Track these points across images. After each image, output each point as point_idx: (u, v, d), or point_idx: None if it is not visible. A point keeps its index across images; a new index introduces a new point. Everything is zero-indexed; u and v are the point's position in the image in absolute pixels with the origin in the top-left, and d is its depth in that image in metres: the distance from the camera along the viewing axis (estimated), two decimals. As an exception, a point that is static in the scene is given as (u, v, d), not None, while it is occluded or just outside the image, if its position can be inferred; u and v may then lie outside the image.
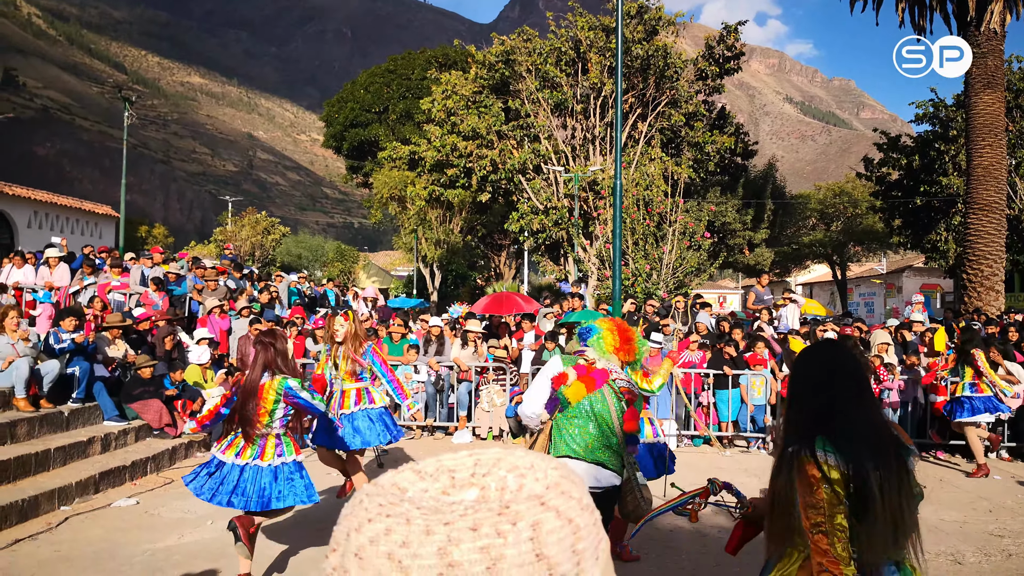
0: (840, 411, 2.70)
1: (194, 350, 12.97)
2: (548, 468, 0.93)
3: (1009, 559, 7.01)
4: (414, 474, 0.94)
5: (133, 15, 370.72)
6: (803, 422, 2.72)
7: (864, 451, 2.60)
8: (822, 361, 2.86)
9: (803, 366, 2.93)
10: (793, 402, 2.86)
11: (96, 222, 35.02)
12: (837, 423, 2.66)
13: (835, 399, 2.72)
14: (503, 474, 0.92)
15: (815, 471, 2.56)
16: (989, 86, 18.88)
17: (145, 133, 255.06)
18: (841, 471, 2.55)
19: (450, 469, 0.94)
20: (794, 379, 2.91)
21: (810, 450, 2.59)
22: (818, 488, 2.54)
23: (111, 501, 8.55)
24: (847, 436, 2.62)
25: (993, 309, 17.99)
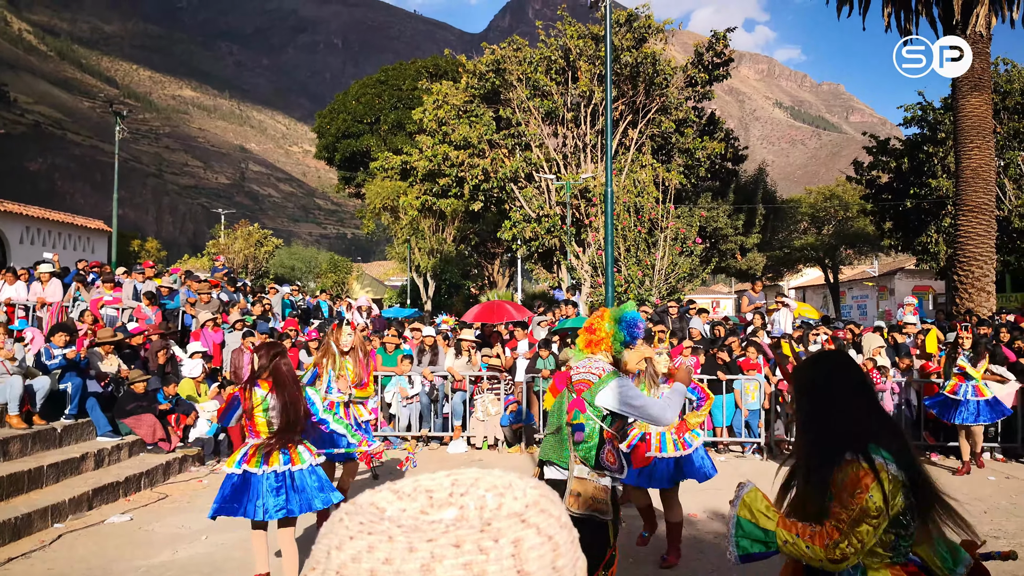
0: (885, 421, 2.81)
1: (187, 364, 12.95)
2: (527, 487, 0.94)
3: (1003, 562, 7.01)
4: (392, 494, 0.94)
5: (124, 29, 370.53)
6: (843, 430, 2.78)
7: (915, 461, 2.73)
8: (843, 370, 2.95)
9: (824, 375, 2.98)
10: (821, 412, 2.89)
11: (88, 237, 34.96)
12: (885, 432, 2.76)
13: (870, 407, 2.83)
14: (482, 493, 0.92)
15: (868, 479, 2.63)
16: (976, 88, 18.97)
17: (137, 147, 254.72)
18: (900, 479, 2.65)
19: (428, 489, 0.94)
20: (817, 388, 2.95)
21: (867, 457, 2.67)
22: (862, 493, 2.61)
23: (105, 517, 8.51)
24: (899, 446, 2.74)
25: (984, 310, 18.04)
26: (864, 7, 21.85)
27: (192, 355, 13.01)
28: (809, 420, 2.95)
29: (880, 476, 2.63)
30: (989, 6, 18.53)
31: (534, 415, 13.32)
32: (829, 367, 3.01)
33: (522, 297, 42.28)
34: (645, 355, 4.65)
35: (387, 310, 30.21)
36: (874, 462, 2.65)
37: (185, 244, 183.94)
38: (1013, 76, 28.89)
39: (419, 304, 44.51)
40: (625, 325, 4.57)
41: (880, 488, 2.62)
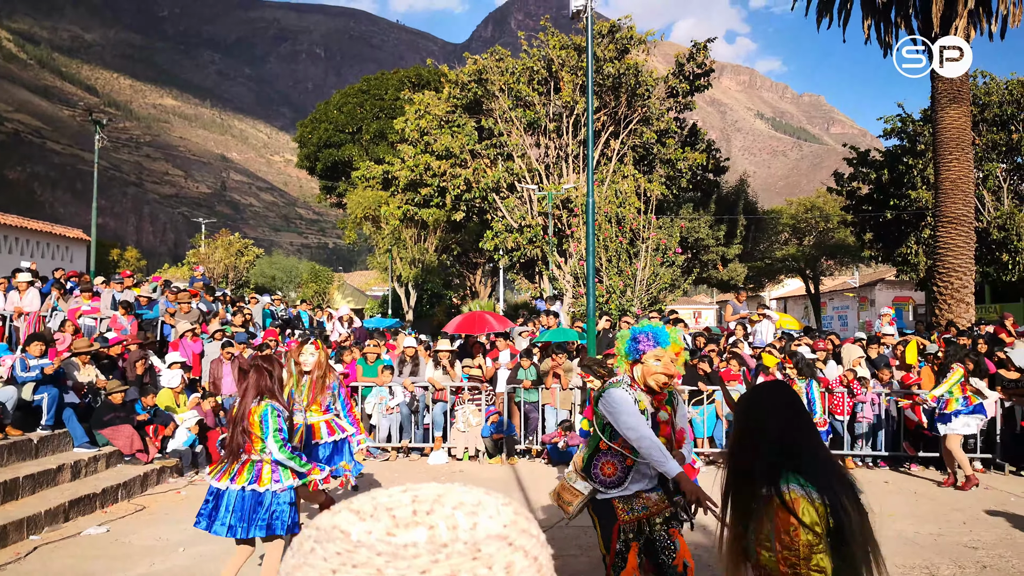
0: (804, 447, 2.80)
1: (166, 374, 12.84)
2: (498, 504, 0.91)
3: (984, 571, 7.04)
4: (353, 514, 0.89)
5: (105, 38, 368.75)
6: (766, 461, 2.78)
7: (835, 482, 2.71)
8: (773, 400, 2.96)
9: (755, 406, 3.00)
10: (748, 442, 2.90)
11: (67, 246, 34.71)
12: (804, 458, 2.75)
13: (795, 436, 2.82)
14: (450, 511, 0.89)
15: (791, 518, 2.62)
16: (955, 100, 19.12)
17: (117, 156, 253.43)
18: (819, 505, 2.64)
19: (387, 507, 0.90)
20: (747, 419, 2.97)
21: (783, 490, 2.67)
22: (796, 531, 2.60)
23: (81, 529, 8.41)
24: (817, 470, 2.72)
25: (964, 321, 18.14)
26: (844, 19, 22.01)
27: (171, 365, 12.90)
28: (731, 453, 3.00)
29: (797, 507, 2.63)
30: (967, 19, 18.69)
31: (515, 426, 13.27)
32: (754, 400, 3.05)
33: (504, 307, 42.26)
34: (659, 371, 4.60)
35: (368, 320, 30.10)
36: (783, 496, 2.65)
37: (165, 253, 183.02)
38: (992, 88, 29.17)
39: (400, 314, 44.41)
40: (630, 340, 4.60)
41: (806, 517, 2.62)
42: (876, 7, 20.53)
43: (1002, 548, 7.73)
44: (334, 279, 68.54)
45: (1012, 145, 28.71)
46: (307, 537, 0.88)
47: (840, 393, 12.67)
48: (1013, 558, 7.39)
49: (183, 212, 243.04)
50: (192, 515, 9.08)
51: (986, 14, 19.62)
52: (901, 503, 9.89)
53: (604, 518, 4.52)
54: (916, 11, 20.25)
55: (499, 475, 11.82)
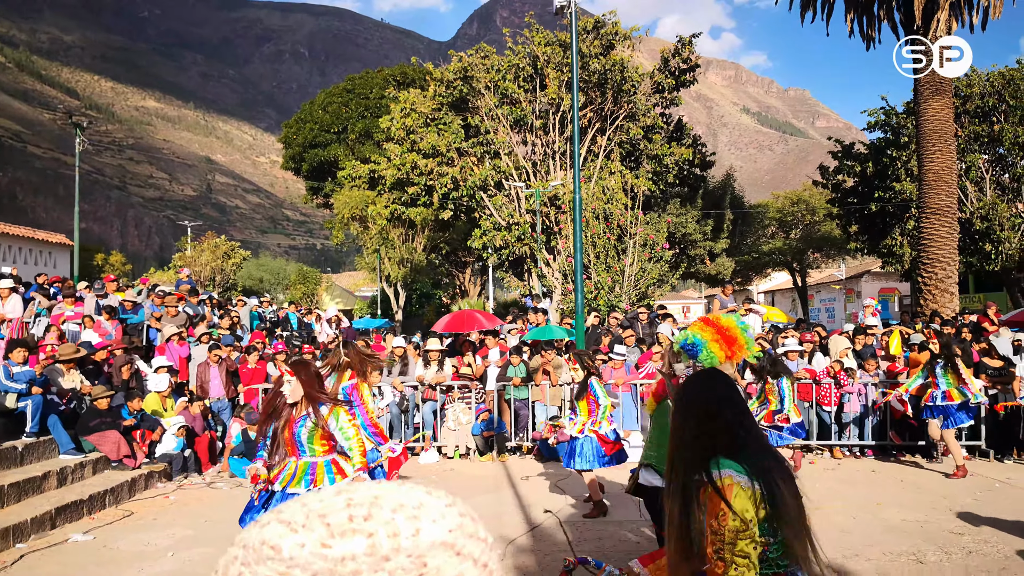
0: (737, 432, 2.87)
1: (152, 379, 12.76)
2: (442, 506, 0.84)
3: (969, 556, 7.10)
4: (283, 526, 0.81)
5: (85, 40, 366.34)
6: (701, 448, 2.86)
7: (770, 467, 2.78)
8: (709, 389, 3.03)
9: (691, 395, 3.07)
10: (685, 429, 2.97)
11: (50, 251, 34.48)
12: (739, 444, 2.83)
13: (729, 422, 2.89)
14: (389, 516, 0.80)
15: (721, 503, 2.69)
16: (937, 93, 19.23)
17: (100, 159, 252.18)
18: (752, 490, 2.70)
19: (320, 514, 0.81)
20: (684, 407, 3.04)
21: (715, 476, 2.74)
22: (724, 516, 2.67)
23: (68, 536, 8.33)
24: (752, 455, 2.80)
25: (948, 311, 18.25)
26: (827, 13, 22.11)
27: (157, 369, 12.83)
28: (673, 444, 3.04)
29: (730, 493, 2.69)
30: (949, 11, 18.80)
31: (505, 423, 13.28)
32: (689, 390, 3.12)
33: (494, 305, 42.26)
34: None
35: (357, 321, 30.08)
36: (715, 481, 2.72)
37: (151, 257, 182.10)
38: (973, 80, 29.30)
39: (390, 315, 44.35)
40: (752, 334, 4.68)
41: (737, 503, 2.68)
42: (858, 1, 20.64)
43: (987, 534, 7.79)
44: (322, 280, 68.42)
45: (994, 136, 28.87)
46: (233, 559, 0.80)
47: (827, 384, 12.76)
48: (999, 543, 7.45)
49: (168, 215, 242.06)
50: (180, 519, 9.11)
51: (967, 6, 19.74)
52: (888, 491, 9.96)
53: None
54: (898, 4, 20.36)
55: (490, 472, 11.84)
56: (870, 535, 7.82)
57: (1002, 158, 29.85)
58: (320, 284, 65.99)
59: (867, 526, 8.15)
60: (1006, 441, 12.27)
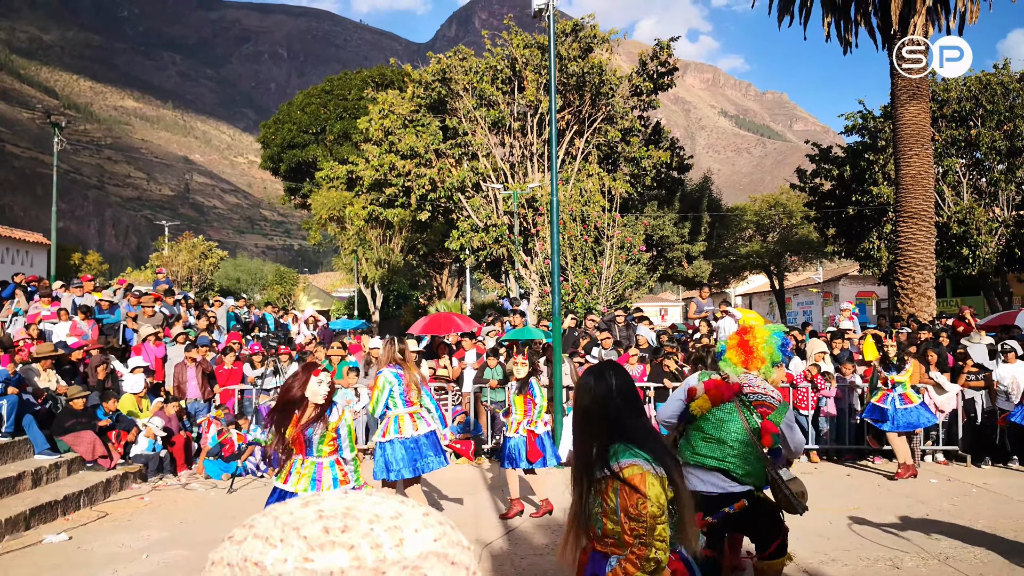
0: (637, 424, 3.04)
1: (128, 379, 12.66)
2: (419, 515, 0.83)
3: (946, 562, 7.10)
4: (262, 542, 0.79)
5: (63, 39, 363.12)
6: (601, 439, 3.00)
7: (666, 457, 2.98)
8: (601, 382, 3.14)
9: (587, 388, 3.17)
10: (585, 421, 3.11)
11: (27, 250, 34.15)
12: (639, 434, 3.00)
13: (621, 412, 3.04)
14: (367, 528, 0.79)
15: (636, 494, 2.84)
16: (914, 97, 19.34)
17: (78, 158, 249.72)
18: (660, 476, 2.88)
19: (294, 527, 0.80)
20: (582, 401, 3.17)
21: (623, 464, 2.90)
22: (643, 504, 2.82)
23: (42, 537, 8.23)
24: (652, 445, 2.98)
25: (925, 315, 18.36)
26: (805, 17, 22.20)
27: (133, 370, 12.72)
28: (576, 435, 3.16)
29: (644, 482, 2.84)
30: (926, 16, 18.92)
31: (482, 425, 13.23)
32: (586, 383, 3.20)
33: (471, 307, 42.21)
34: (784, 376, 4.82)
35: (334, 322, 29.89)
36: (624, 471, 2.87)
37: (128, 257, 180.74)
38: (950, 85, 29.50)
39: (367, 315, 44.19)
40: (781, 345, 4.79)
41: (652, 491, 2.84)
42: (836, 5, 20.75)
43: (964, 539, 7.81)
44: (299, 281, 68.13)
45: (971, 141, 29.09)
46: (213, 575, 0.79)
47: (804, 388, 12.77)
48: (975, 548, 7.47)
49: (146, 215, 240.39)
50: (155, 521, 9.00)
51: (944, 11, 19.86)
52: (864, 496, 9.98)
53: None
54: (875, 8, 20.48)
55: (467, 475, 11.78)
56: (847, 540, 7.81)
57: (979, 162, 30.08)
58: (297, 285, 65.74)
59: (844, 531, 8.15)
60: (983, 446, 12.33)
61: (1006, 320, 16.07)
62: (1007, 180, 29.01)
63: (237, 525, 0.86)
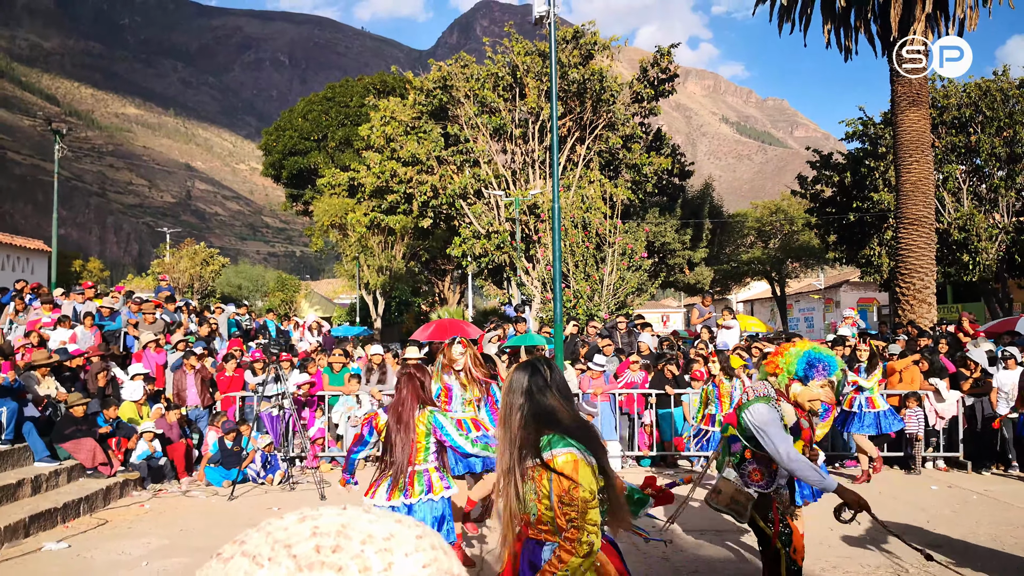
0: (566, 415, 3.15)
1: (128, 386, 12.64)
2: (412, 537, 0.80)
3: (947, 569, 7.09)
4: (248, 560, 0.77)
5: (65, 47, 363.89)
6: (535, 429, 3.12)
7: (595, 444, 3.11)
8: (534, 376, 3.25)
9: (518, 383, 3.27)
10: (520, 412, 3.19)
11: (28, 257, 34.19)
12: (570, 425, 3.12)
13: (556, 406, 3.16)
14: (358, 548, 0.77)
15: (567, 481, 2.96)
16: (914, 104, 19.36)
17: (80, 166, 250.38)
18: (591, 464, 3.02)
19: (286, 544, 0.78)
20: (512, 395, 3.26)
21: (555, 453, 3.01)
22: (575, 489, 2.95)
23: (41, 545, 8.23)
24: (582, 435, 3.09)
25: (925, 321, 18.34)
26: (805, 24, 22.22)
27: (133, 377, 12.70)
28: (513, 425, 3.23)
29: (576, 469, 2.97)
30: (925, 22, 18.94)
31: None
32: (515, 376, 3.31)
33: (473, 314, 42.21)
34: (820, 398, 4.80)
35: (336, 328, 29.91)
36: (556, 460, 2.99)
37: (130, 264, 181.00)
38: (950, 91, 29.57)
39: (368, 322, 44.20)
40: (804, 361, 4.72)
41: (584, 477, 2.97)
42: (836, 12, 20.77)
43: (965, 546, 7.81)
44: (301, 288, 68.16)
45: (971, 147, 29.13)
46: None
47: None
48: (976, 556, 7.47)
49: (147, 222, 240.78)
50: (155, 528, 9.00)
51: (943, 18, 19.89)
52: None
53: (762, 509, 4.90)
54: (875, 15, 20.49)
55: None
56: (848, 547, 7.81)
57: (979, 169, 30.11)
58: (299, 291, 65.75)
59: (845, 538, 8.15)
60: (984, 453, 12.32)
61: (1007, 326, 16.08)
62: (1007, 186, 29.06)
63: (237, 533, 0.84)
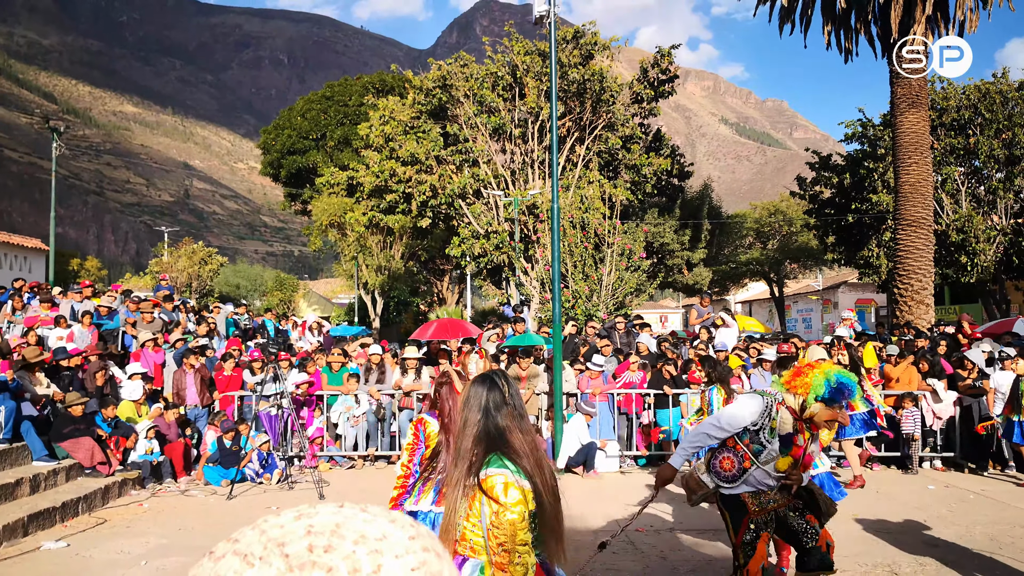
0: (509, 437, 3.11)
1: (127, 385, 12.64)
2: (405, 538, 0.80)
3: (943, 568, 7.13)
4: (239, 559, 0.77)
5: (62, 44, 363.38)
6: (478, 449, 3.11)
7: (535, 470, 3.06)
8: (480, 394, 3.22)
9: (466, 401, 3.27)
10: (465, 430, 3.19)
11: (25, 256, 34.14)
12: (511, 447, 3.08)
13: (501, 426, 3.13)
14: (350, 548, 0.77)
15: (497, 501, 2.96)
16: (913, 106, 19.39)
17: (77, 164, 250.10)
18: (523, 488, 2.99)
19: (279, 542, 0.78)
20: (472, 407, 3.23)
21: (489, 473, 3.02)
22: (504, 512, 2.95)
23: (40, 544, 8.23)
24: (521, 457, 3.06)
25: (923, 322, 18.38)
26: (805, 26, 22.25)
27: (131, 376, 12.70)
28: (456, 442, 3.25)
29: (507, 491, 2.96)
30: (925, 24, 18.96)
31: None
32: (473, 390, 3.28)
33: (472, 314, 42.23)
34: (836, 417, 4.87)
35: (334, 328, 29.90)
36: (488, 480, 3.00)
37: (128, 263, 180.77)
38: (949, 93, 29.63)
39: (367, 322, 44.19)
40: (832, 386, 4.73)
41: (513, 499, 2.95)
42: (836, 14, 20.79)
43: (961, 546, 7.83)
44: (299, 287, 68.12)
45: (969, 149, 29.18)
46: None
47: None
48: (972, 556, 7.49)
49: (145, 221, 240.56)
50: (154, 527, 9.01)
51: (944, 20, 19.91)
52: (863, 502, 9.99)
53: (734, 511, 4.93)
54: (875, 17, 20.53)
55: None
56: (845, 546, 7.81)
57: (977, 171, 30.17)
58: (297, 291, 65.72)
59: (842, 537, 8.15)
60: (981, 453, 12.36)
61: (1005, 328, 16.12)
62: (1005, 188, 29.12)
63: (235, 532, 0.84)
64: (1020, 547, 7.63)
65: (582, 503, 9.26)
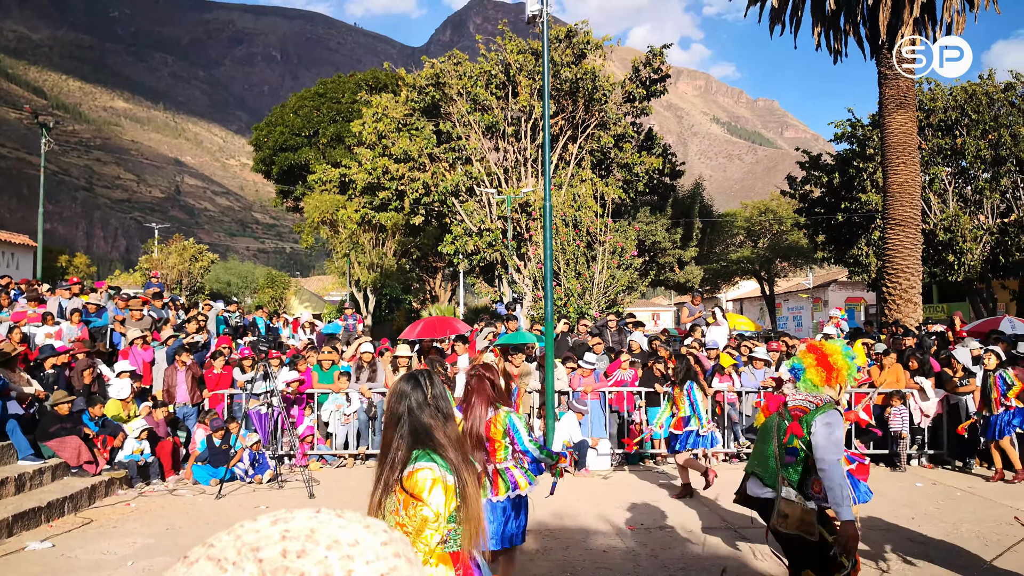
0: (436, 433, 3.15)
1: (115, 383, 12.49)
2: (377, 544, 0.81)
3: (931, 564, 7.21)
4: (212, 564, 0.76)
5: (53, 38, 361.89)
6: (406, 443, 3.14)
7: (462, 465, 3.12)
8: (409, 390, 3.26)
9: (393, 397, 3.30)
10: (392, 425, 3.23)
11: (12, 252, 34.07)
12: (438, 442, 3.13)
13: (434, 421, 3.18)
14: (323, 554, 0.77)
15: (412, 496, 3.00)
16: (901, 106, 19.50)
17: (67, 159, 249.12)
18: (447, 483, 3.03)
19: (254, 547, 0.77)
20: (390, 406, 3.29)
21: (413, 468, 3.05)
22: (418, 507, 2.99)
23: (25, 544, 8.15)
24: (448, 453, 3.11)
25: (911, 321, 18.50)
26: (795, 27, 22.34)
27: (119, 374, 12.56)
28: (384, 437, 3.28)
29: (429, 487, 3.00)
30: (913, 26, 19.07)
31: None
32: (399, 387, 3.31)
33: (464, 311, 42.24)
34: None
35: (326, 326, 29.91)
36: (410, 475, 3.03)
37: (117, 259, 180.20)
38: (937, 94, 29.81)
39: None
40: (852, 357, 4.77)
41: (434, 496, 2.99)
42: (825, 15, 20.87)
43: (949, 542, 7.92)
44: (291, 284, 67.96)
45: (956, 149, 29.36)
46: None
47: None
48: (960, 552, 7.57)
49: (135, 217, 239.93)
50: (141, 527, 9.00)
51: (931, 22, 20.03)
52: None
53: (824, 521, 4.76)
54: (864, 19, 20.63)
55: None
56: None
57: (964, 171, 30.36)
58: (289, 288, 65.57)
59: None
60: (968, 450, 12.46)
61: (991, 326, 16.24)
62: (991, 188, 29.30)
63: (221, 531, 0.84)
64: (1006, 544, 7.71)
65: (573, 502, 9.32)
